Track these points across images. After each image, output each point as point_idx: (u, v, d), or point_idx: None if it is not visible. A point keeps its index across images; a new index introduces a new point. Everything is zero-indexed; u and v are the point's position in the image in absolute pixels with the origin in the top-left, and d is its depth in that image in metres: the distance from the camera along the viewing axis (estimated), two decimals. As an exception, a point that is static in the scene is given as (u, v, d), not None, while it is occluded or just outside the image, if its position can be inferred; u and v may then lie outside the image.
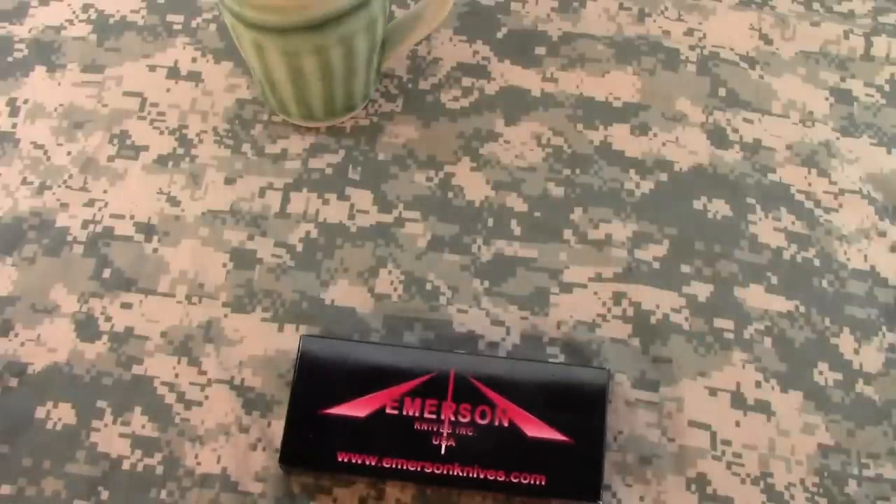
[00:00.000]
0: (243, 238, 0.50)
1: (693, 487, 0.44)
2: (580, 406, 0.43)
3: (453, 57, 0.55)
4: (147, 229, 0.50)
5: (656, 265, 0.49)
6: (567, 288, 0.49)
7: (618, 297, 0.48)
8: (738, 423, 0.46)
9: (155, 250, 0.49)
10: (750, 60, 0.55)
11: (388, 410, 0.43)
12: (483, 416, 0.43)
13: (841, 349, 0.47)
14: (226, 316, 0.48)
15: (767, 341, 0.47)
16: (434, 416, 0.43)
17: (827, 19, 0.56)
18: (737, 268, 0.49)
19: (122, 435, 0.45)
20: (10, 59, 0.54)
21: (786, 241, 0.50)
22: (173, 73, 0.54)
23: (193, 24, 0.56)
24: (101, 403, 0.46)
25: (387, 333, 0.48)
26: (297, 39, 0.44)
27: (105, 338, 0.47)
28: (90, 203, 0.51)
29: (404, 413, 0.43)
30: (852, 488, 0.44)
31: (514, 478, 0.42)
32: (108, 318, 0.48)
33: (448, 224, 0.50)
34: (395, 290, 0.48)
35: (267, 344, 0.47)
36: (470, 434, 0.43)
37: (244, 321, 0.48)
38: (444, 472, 0.42)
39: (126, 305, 0.48)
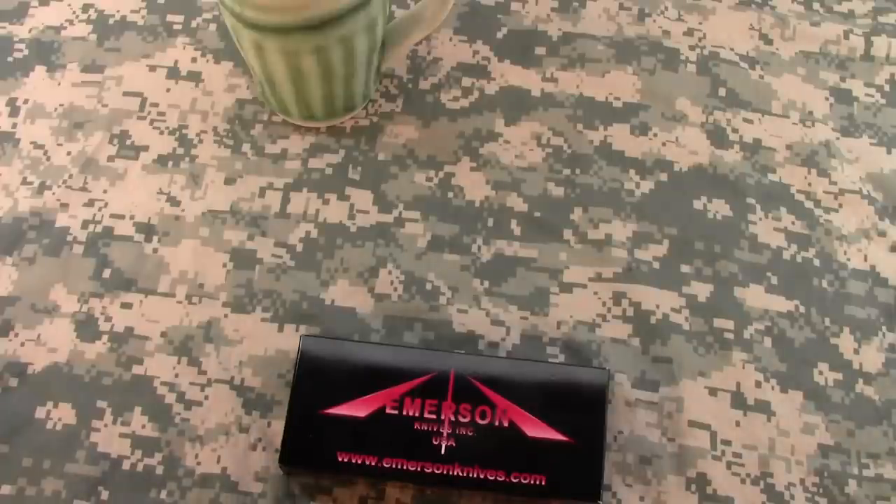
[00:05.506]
0: (243, 238, 0.50)
1: (693, 487, 0.44)
2: (580, 406, 0.43)
3: (453, 57, 0.55)
4: (147, 229, 0.50)
5: (656, 265, 0.49)
6: (567, 288, 0.49)
7: (618, 297, 0.48)
8: (738, 423, 0.46)
9: (155, 250, 0.49)
10: (750, 60, 0.55)
11: (388, 410, 0.43)
12: (483, 416, 0.43)
13: (841, 349, 0.47)
14: (226, 316, 0.48)
15: (767, 341, 0.47)
16: (434, 416, 0.43)
17: (827, 19, 0.56)
18: (737, 268, 0.49)
19: (122, 435, 0.45)
20: (10, 59, 0.54)
21: (786, 241, 0.50)
22: (173, 73, 0.54)
23: (193, 24, 0.56)
24: (101, 403, 0.46)
25: (387, 333, 0.48)
26: (297, 39, 0.44)
27: (105, 338, 0.47)
28: (90, 203, 0.51)
29: (404, 413, 0.43)
30: (852, 488, 0.44)
31: (514, 478, 0.42)
32: (108, 318, 0.48)
33: (448, 224, 0.50)
34: (395, 290, 0.48)
35: (267, 344, 0.47)
36: (470, 434, 0.42)
37: (244, 321, 0.48)
38: (444, 472, 0.42)
39: (126, 305, 0.48)
